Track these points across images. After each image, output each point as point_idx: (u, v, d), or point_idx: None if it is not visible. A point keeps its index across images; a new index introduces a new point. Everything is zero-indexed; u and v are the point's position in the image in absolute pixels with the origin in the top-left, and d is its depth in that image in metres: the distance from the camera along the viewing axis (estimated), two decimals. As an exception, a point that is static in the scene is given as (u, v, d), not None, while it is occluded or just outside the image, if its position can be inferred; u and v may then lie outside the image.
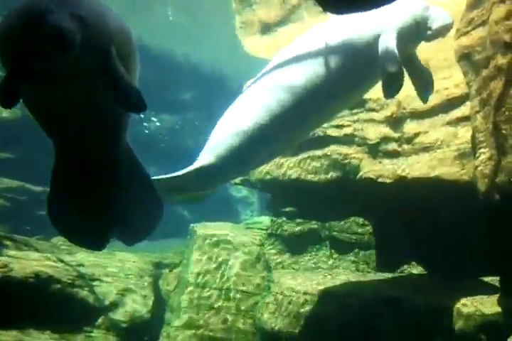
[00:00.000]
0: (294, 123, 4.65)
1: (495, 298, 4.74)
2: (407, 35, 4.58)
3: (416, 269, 6.54)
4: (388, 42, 4.42)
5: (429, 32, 4.65)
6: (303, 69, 4.54)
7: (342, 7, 2.28)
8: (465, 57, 4.78)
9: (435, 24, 4.61)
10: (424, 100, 5.23)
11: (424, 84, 5.11)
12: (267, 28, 8.46)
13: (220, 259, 8.10)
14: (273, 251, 7.78)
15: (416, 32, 4.66)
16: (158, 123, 15.54)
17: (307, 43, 4.71)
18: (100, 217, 3.39)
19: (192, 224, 9.36)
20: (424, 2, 4.75)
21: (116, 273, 7.99)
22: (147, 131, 15.12)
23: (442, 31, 4.69)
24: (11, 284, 6.38)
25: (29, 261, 6.83)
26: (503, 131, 3.95)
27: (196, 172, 4.87)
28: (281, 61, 4.79)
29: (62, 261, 7.32)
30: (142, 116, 14.53)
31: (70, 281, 6.89)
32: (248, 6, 8.49)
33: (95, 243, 3.55)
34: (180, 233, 11.02)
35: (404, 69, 4.72)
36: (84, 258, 8.09)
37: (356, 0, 2.18)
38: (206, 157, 4.90)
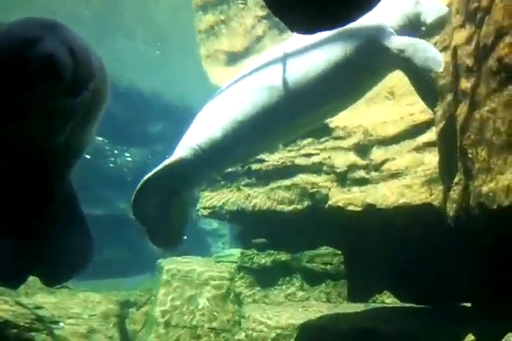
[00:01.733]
0: (270, 126, 4.49)
1: (469, 325, 4.62)
2: (401, 35, 4.34)
3: (388, 298, 6.43)
4: (391, 38, 4.20)
5: (423, 28, 4.40)
6: (281, 71, 4.36)
7: (308, 27, 2.25)
8: (428, 82, 4.77)
9: (429, 18, 4.31)
10: (431, 105, 4.89)
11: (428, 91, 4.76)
12: (232, 58, 8.46)
13: (188, 295, 7.83)
14: (243, 284, 7.57)
15: (411, 30, 4.39)
16: (128, 158, 15.36)
17: (290, 47, 4.53)
18: (20, 254, 3.12)
19: (159, 260, 9.09)
20: None
21: (79, 315, 7.63)
22: (114, 166, 14.89)
23: (438, 24, 4.39)
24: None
25: (-15, 304, 6.46)
26: (469, 155, 3.89)
27: (174, 167, 4.66)
28: (261, 62, 4.63)
29: (19, 303, 6.94)
30: (107, 148, 14.32)
31: (27, 325, 6.51)
32: (213, 36, 8.51)
33: (10, 280, 3.28)
34: (149, 268, 10.71)
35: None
36: (45, 300, 7.71)
37: (321, 19, 2.15)
38: (182, 151, 4.71)
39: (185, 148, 4.72)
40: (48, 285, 3.32)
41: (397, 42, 4.24)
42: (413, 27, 4.38)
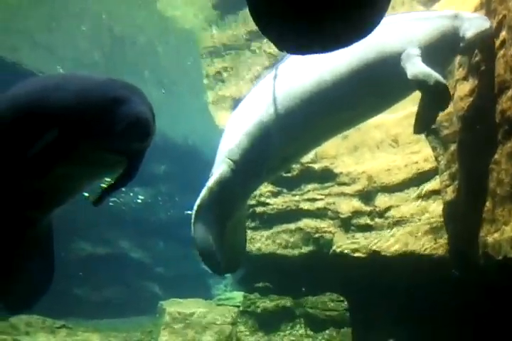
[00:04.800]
0: (301, 129, 4.31)
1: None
2: (436, 50, 3.99)
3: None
4: (412, 61, 3.86)
5: (462, 44, 4.00)
6: (312, 76, 4.17)
7: (297, 48, 2.22)
8: (433, 132, 4.87)
9: (468, 34, 3.91)
10: (419, 129, 4.46)
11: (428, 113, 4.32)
12: (237, 104, 8.62)
13: (189, 339, 7.71)
14: (246, 329, 7.45)
15: (447, 46, 4.04)
16: (136, 198, 15.38)
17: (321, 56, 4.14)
18: None
19: (161, 302, 9.00)
20: (452, 11, 4.16)
21: (78, 356, 7.51)
22: (115, 205, 14.88)
23: (478, 40, 3.93)
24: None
25: (-17, 344, 6.36)
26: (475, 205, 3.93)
27: (217, 186, 4.51)
28: (290, 66, 4.44)
29: (19, 343, 6.84)
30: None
31: (26, 366, 6.40)
32: (220, 81, 8.72)
33: None
34: (150, 310, 10.58)
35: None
36: (45, 340, 7.61)
37: (311, 42, 2.10)
38: (219, 169, 4.56)
39: (220, 164, 4.62)
40: (10, 312, 3.36)
41: (415, 68, 3.90)
42: (450, 42, 4.04)
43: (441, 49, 4.06)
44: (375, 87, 4.12)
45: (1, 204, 3.00)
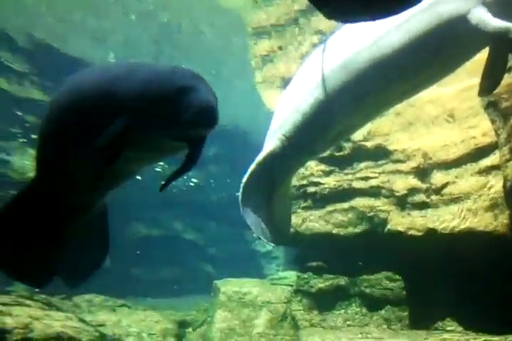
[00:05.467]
0: (356, 104, 4.18)
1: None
2: (502, 5, 3.73)
3: (452, 326, 6.18)
4: (485, 18, 3.62)
5: None
6: (366, 47, 4.00)
7: (344, 17, 2.15)
8: (492, 104, 4.70)
9: None
10: (485, 92, 4.16)
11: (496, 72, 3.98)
12: (286, 83, 8.56)
13: (244, 317, 7.84)
14: (300, 308, 7.50)
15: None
16: (189, 181, 15.61)
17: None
18: (46, 255, 3.34)
19: (215, 281, 9.16)
20: None
21: (138, 333, 7.77)
22: (169, 187, 15.15)
23: None
24: (31, 346, 6.20)
25: (50, 321, 6.66)
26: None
27: (268, 159, 4.61)
28: (340, 39, 4.28)
29: (83, 321, 7.13)
30: (161, 171, 14.65)
31: (90, 342, 6.67)
32: (268, 61, 8.65)
33: (37, 280, 3.49)
34: (204, 289, 10.80)
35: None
36: (106, 318, 7.91)
37: (367, 9, 2.02)
38: (270, 144, 4.62)
39: (271, 140, 4.67)
40: (68, 285, 3.51)
41: (493, 23, 3.67)
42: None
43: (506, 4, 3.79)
44: (433, 54, 3.91)
45: (64, 188, 3.11)
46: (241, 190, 4.76)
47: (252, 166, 4.71)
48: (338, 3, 2.03)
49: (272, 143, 4.64)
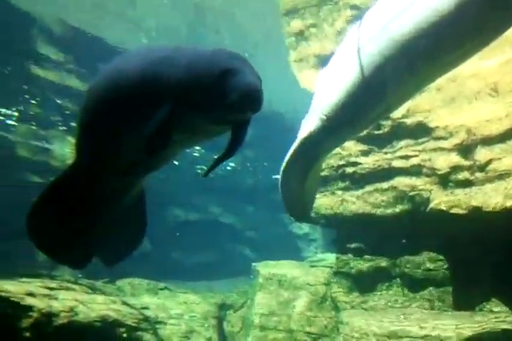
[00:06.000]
0: (401, 76, 4.00)
1: None
2: None
3: (497, 307, 6.03)
4: None
5: None
6: (410, 17, 3.74)
7: None
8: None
9: None
10: None
11: None
12: (321, 62, 8.40)
13: (284, 299, 7.84)
14: (340, 290, 7.44)
15: None
16: (227, 165, 15.67)
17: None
18: (86, 238, 3.38)
19: (254, 263, 9.18)
20: None
21: (180, 316, 7.88)
22: (202, 172, 15.23)
23: None
24: (77, 328, 6.36)
25: (95, 304, 6.81)
26: None
27: (308, 139, 4.57)
28: (380, 12, 4.08)
29: (127, 304, 7.26)
30: (197, 155, 14.73)
31: (134, 325, 6.80)
32: (303, 40, 8.49)
33: (78, 262, 3.56)
34: (243, 271, 10.86)
35: None
36: (149, 301, 8.05)
37: None
38: (312, 122, 4.55)
39: (311, 120, 4.59)
40: (106, 265, 3.56)
41: None
42: None
43: None
44: (484, 16, 3.59)
45: (104, 173, 3.12)
46: (281, 171, 4.74)
47: (293, 147, 4.67)
48: None
49: (311, 123, 4.55)
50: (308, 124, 4.58)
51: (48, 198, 3.24)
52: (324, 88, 4.52)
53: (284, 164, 4.70)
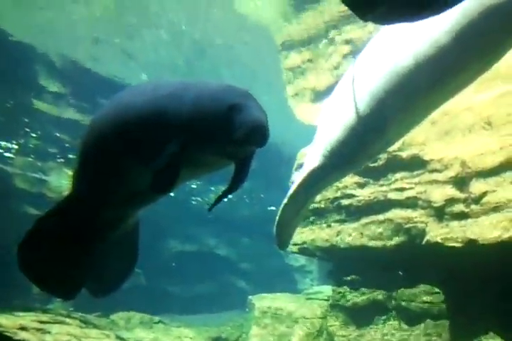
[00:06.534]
0: (404, 110, 3.99)
1: None
2: None
3: (494, 339, 5.96)
4: None
5: None
6: (410, 47, 3.78)
7: (385, 18, 2.14)
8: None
9: None
10: None
11: None
12: (317, 96, 8.55)
13: (280, 333, 7.74)
14: (337, 323, 7.36)
15: None
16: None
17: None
18: (76, 268, 3.35)
19: (250, 297, 9.09)
20: None
21: (174, 350, 7.76)
22: (196, 203, 15.20)
23: None
24: (70, 363, 6.25)
25: (88, 339, 6.71)
26: None
27: (311, 177, 4.60)
28: (381, 42, 4.08)
29: (120, 338, 7.15)
30: (194, 187, 14.72)
31: (128, 359, 6.70)
32: (299, 74, 8.66)
33: (67, 292, 3.48)
34: (238, 304, 10.74)
35: None
36: (143, 335, 7.93)
37: (402, 11, 2.03)
38: (314, 158, 4.55)
39: (315, 157, 4.58)
40: (95, 296, 3.51)
41: None
42: None
43: None
44: (481, 48, 3.67)
45: (100, 205, 3.14)
46: (283, 204, 4.81)
47: (297, 182, 4.70)
48: (385, 8, 2.02)
49: (315, 160, 4.56)
50: (312, 160, 4.62)
51: (41, 227, 3.24)
52: (326, 124, 4.57)
53: (286, 199, 4.75)
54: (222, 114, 2.54)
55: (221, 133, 2.54)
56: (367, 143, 4.26)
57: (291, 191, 4.75)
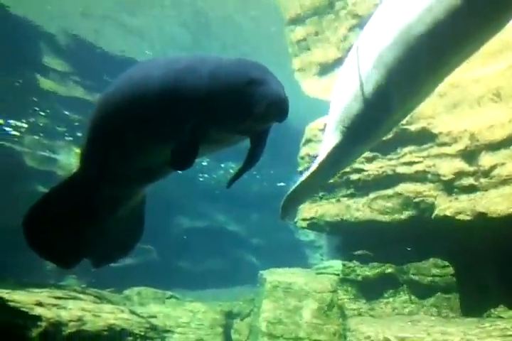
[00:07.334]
0: (416, 77, 3.85)
1: None
2: None
3: (505, 312, 5.99)
4: None
5: None
6: (419, 13, 3.58)
7: None
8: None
9: None
10: None
11: None
12: (324, 70, 8.45)
13: (291, 307, 7.83)
14: (347, 297, 7.43)
15: None
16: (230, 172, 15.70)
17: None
18: (80, 240, 3.38)
19: (261, 271, 9.18)
20: None
21: (187, 324, 7.89)
22: (204, 179, 15.23)
23: None
24: (85, 337, 6.37)
25: (102, 313, 6.83)
26: None
27: (332, 154, 4.50)
28: (390, 9, 3.91)
29: (134, 313, 7.27)
30: (204, 164, 14.73)
31: (142, 333, 6.81)
32: (305, 48, 8.54)
33: (67, 262, 3.52)
34: (249, 279, 10.86)
35: None
36: (156, 310, 8.06)
37: None
38: (332, 136, 4.45)
39: (333, 135, 4.48)
40: (95, 266, 3.55)
41: None
42: None
43: None
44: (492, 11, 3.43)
45: (108, 181, 3.14)
46: (302, 180, 4.70)
47: (316, 165, 4.59)
48: None
49: (333, 137, 4.45)
50: (330, 139, 4.48)
51: (47, 200, 3.27)
52: (341, 99, 4.46)
53: (304, 177, 4.66)
54: (242, 87, 2.46)
55: (241, 108, 2.47)
56: (382, 114, 4.15)
57: (311, 170, 4.61)
